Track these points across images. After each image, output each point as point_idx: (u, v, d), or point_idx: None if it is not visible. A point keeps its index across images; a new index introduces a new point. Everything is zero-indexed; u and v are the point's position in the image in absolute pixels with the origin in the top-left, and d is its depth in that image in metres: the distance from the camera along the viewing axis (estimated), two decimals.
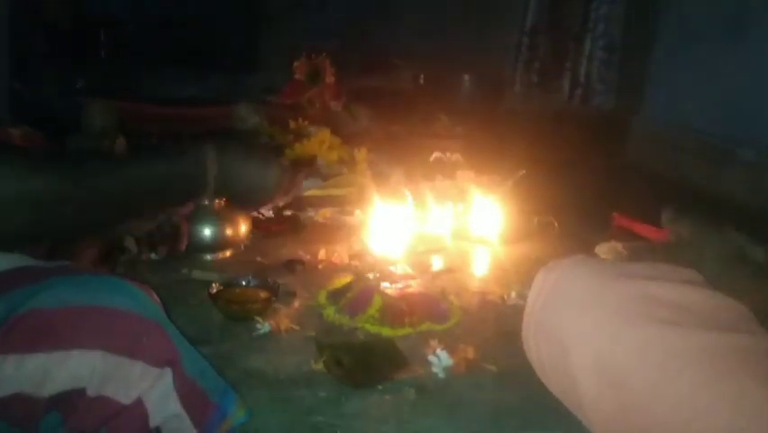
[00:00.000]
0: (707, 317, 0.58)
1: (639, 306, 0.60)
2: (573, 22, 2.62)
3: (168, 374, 0.66)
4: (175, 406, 0.67)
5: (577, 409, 0.66)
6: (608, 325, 0.60)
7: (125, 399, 0.64)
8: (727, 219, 1.59)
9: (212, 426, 0.72)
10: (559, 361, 0.65)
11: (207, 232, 1.39)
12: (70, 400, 0.63)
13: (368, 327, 1.14)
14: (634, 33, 2.46)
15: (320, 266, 1.39)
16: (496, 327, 1.17)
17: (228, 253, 1.44)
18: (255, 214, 1.63)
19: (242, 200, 1.34)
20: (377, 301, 1.18)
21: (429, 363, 1.03)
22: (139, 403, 0.65)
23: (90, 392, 0.63)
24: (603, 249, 1.41)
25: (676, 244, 1.45)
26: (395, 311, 1.16)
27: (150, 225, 1.21)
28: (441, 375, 1.01)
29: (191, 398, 0.69)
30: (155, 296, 0.71)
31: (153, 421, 0.66)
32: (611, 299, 0.61)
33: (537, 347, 0.69)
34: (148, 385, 0.65)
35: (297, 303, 1.22)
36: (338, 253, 1.42)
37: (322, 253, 1.43)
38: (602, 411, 0.60)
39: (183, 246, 1.24)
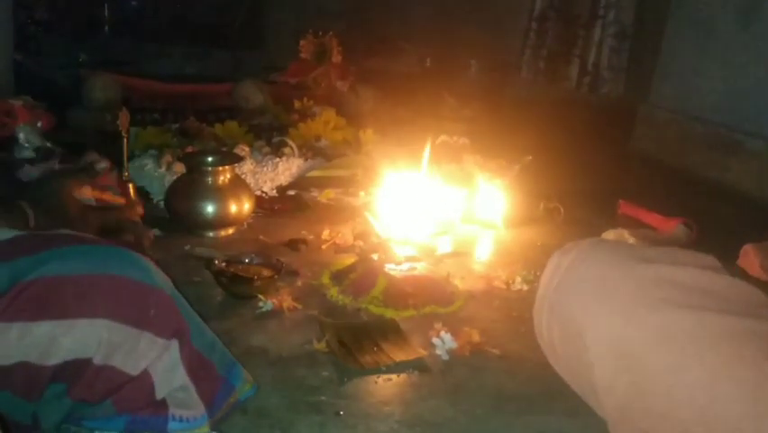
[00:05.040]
0: (726, 303, 0.57)
1: (657, 290, 0.59)
2: (583, 8, 2.59)
3: (175, 346, 0.66)
4: (182, 378, 0.67)
5: (589, 392, 0.66)
6: (625, 308, 0.59)
7: (132, 369, 0.64)
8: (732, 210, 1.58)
9: (218, 399, 0.71)
10: (572, 344, 0.64)
11: (210, 209, 1.37)
12: (76, 370, 0.62)
13: (371, 308, 1.13)
14: (644, 21, 2.44)
15: (324, 246, 1.38)
16: (500, 312, 1.17)
17: (230, 231, 1.42)
18: (258, 192, 1.62)
19: None
20: (381, 283, 1.17)
21: (433, 346, 1.02)
22: (145, 374, 0.64)
23: (96, 362, 0.62)
24: (609, 236, 1.40)
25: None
26: (399, 293, 1.16)
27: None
28: (444, 358, 1.00)
29: (198, 370, 0.68)
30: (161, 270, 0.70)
31: (159, 393, 0.66)
32: (629, 282, 0.61)
33: (549, 329, 0.68)
34: (155, 356, 0.64)
35: (299, 282, 1.21)
36: (342, 233, 1.41)
37: (326, 234, 1.41)
38: (617, 395, 0.59)
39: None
